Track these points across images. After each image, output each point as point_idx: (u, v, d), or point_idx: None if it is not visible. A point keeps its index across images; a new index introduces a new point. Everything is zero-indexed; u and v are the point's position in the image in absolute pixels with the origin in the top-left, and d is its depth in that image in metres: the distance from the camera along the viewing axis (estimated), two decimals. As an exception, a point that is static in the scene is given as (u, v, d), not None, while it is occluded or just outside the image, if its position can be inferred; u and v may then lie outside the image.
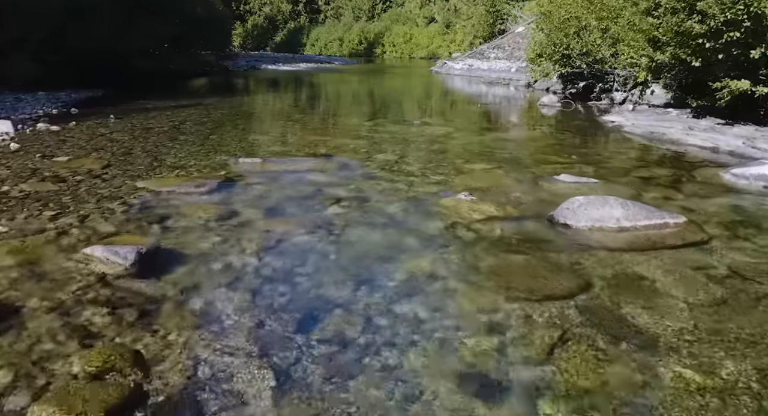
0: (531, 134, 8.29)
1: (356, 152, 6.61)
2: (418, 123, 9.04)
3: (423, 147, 6.97)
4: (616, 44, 11.56)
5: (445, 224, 4.00)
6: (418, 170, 5.71)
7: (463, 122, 9.59)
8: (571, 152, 6.83)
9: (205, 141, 7.17)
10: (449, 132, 8.16)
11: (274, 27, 64.93)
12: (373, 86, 19.82)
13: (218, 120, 9.11)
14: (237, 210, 4.26)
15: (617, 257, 3.46)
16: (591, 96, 13.20)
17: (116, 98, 11.98)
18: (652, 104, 11.50)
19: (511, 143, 7.60)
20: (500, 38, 23.90)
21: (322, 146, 6.94)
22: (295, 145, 7.04)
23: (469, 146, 7.13)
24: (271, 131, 8.10)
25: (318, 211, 4.28)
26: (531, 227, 3.95)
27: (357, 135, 7.81)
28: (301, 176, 5.36)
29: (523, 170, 5.73)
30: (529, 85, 17.59)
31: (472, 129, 8.68)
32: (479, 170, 5.74)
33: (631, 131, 8.22)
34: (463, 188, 4.91)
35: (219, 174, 5.36)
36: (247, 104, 11.74)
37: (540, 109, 11.84)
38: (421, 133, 8.10)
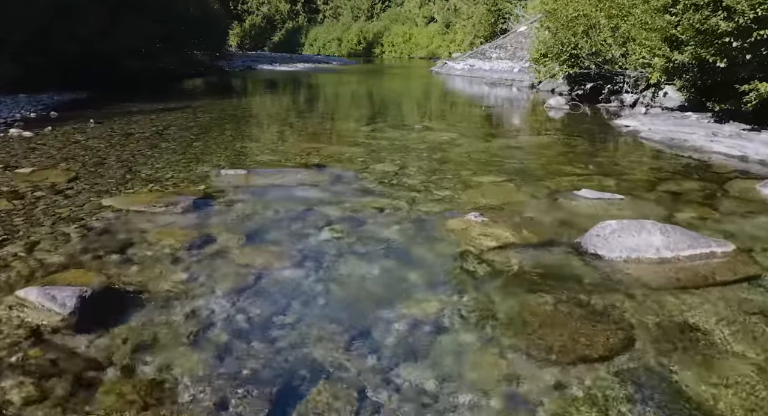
0: (541, 140, 7.71)
1: (352, 161, 6.02)
2: (419, 128, 8.46)
3: (425, 156, 6.39)
4: (627, 44, 11.00)
5: (453, 255, 3.42)
6: (421, 183, 5.13)
7: (467, 126, 9.01)
8: (586, 161, 6.25)
9: (187, 149, 6.58)
10: (453, 138, 7.58)
11: (272, 27, 64.40)
12: (371, 88, 19.23)
13: (205, 125, 8.53)
14: (212, 236, 3.68)
15: (660, 298, 2.89)
16: (599, 98, 12.62)
17: (101, 101, 11.41)
18: (665, 106, 10.93)
19: (520, 150, 7.02)
20: (502, 38, 23.31)
21: (315, 154, 6.36)
22: (286, 153, 6.45)
23: (475, 154, 6.55)
24: (261, 138, 7.51)
25: (306, 237, 3.70)
26: (555, 258, 3.37)
27: (354, 142, 7.23)
28: (290, 192, 4.78)
29: (538, 184, 5.15)
30: (533, 86, 17.01)
31: (478, 135, 8.10)
32: (488, 183, 5.16)
33: (648, 136, 7.64)
34: (472, 207, 4.34)
35: (197, 189, 4.78)
36: (239, 106, 11.15)
37: (547, 111, 11.25)
38: (422, 139, 7.52)
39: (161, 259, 3.30)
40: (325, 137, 7.66)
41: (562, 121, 9.95)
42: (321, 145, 6.95)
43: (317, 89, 18.21)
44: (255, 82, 20.31)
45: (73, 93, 12.14)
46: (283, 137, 7.62)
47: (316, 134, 7.87)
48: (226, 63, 23.90)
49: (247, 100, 12.45)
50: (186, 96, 12.70)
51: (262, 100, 12.85)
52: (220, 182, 5.05)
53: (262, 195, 4.65)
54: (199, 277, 3.07)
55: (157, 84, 15.30)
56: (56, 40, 12.43)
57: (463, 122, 9.51)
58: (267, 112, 10.56)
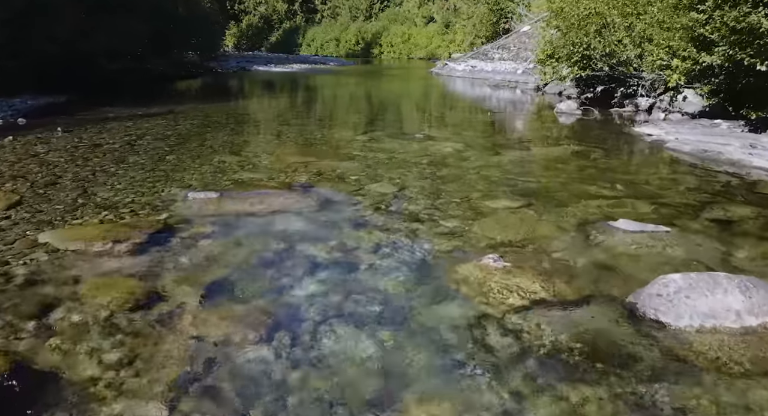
0: (556, 152, 6.93)
1: (345, 180, 5.24)
2: (420, 137, 7.67)
3: (428, 173, 5.61)
4: (642, 44, 10.23)
5: (467, 321, 2.64)
6: (424, 209, 4.35)
7: (472, 135, 8.22)
8: (612, 178, 5.47)
9: (158, 164, 5.79)
10: (458, 150, 6.80)
11: (270, 27, 63.67)
12: (369, 90, 18.43)
13: (184, 134, 7.74)
14: (162, 290, 2.90)
15: (752, 392, 2.11)
16: (612, 102, 11.83)
17: (79, 105, 10.64)
18: (685, 111, 10.16)
19: (534, 165, 6.23)
20: (505, 38, 22.53)
21: (302, 171, 5.57)
22: (270, 170, 5.67)
23: (485, 170, 5.77)
24: (244, 149, 6.72)
25: (282, 293, 2.92)
26: (603, 327, 2.59)
27: (348, 154, 6.45)
28: (267, 223, 3.99)
29: (562, 210, 4.37)
30: (538, 89, 16.22)
31: (485, 145, 7.32)
32: (503, 209, 4.38)
33: (676, 147, 6.86)
34: (487, 244, 3.56)
35: (157, 219, 3.99)
36: (225, 112, 10.36)
37: (557, 117, 10.47)
38: (424, 150, 6.73)
39: (90, 330, 2.52)
40: (316, 149, 6.87)
41: (575, 128, 9.17)
42: (311, 159, 6.16)
43: (312, 92, 17.38)
44: (246, 84, 19.50)
45: (51, 97, 11.37)
46: (269, 148, 6.83)
47: (306, 145, 7.08)
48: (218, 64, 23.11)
49: (235, 105, 11.65)
50: (170, 100, 11.91)
51: (251, 104, 12.06)
52: (187, 208, 4.27)
53: (233, 228, 3.87)
54: (136, 358, 2.29)
55: (141, 87, 14.52)
56: (35, 41, 11.64)
57: (468, 130, 8.72)
58: (255, 118, 9.78)
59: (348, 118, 10.11)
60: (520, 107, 13.51)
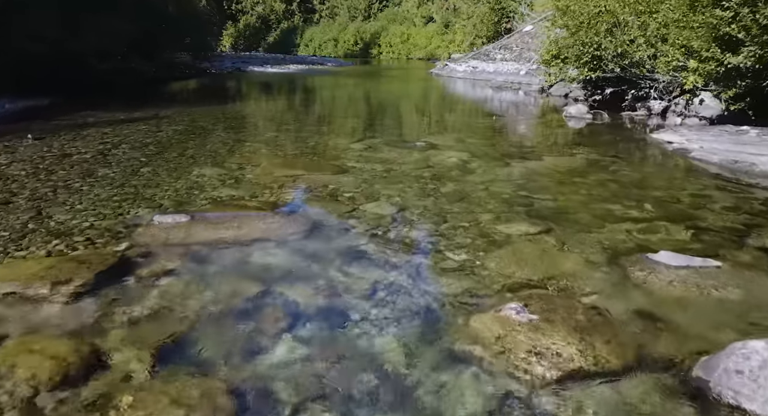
0: (571, 163, 6.33)
1: (337, 198, 4.64)
2: (421, 145, 7.07)
3: (430, 189, 5.01)
4: (656, 44, 9.64)
5: (486, 400, 2.04)
6: (428, 237, 3.76)
7: (478, 142, 7.61)
8: (638, 195, 4.88)
9: (129, 178, 5.19)
10: (463, 160, 6.20)
11: (267, 27, 63.15)
12: (367, 93, 17.82)
13: (165, 141, 7.13)
14: (104, 355, 2.31)
15: None
16: (622, 105, 11.24)
17: (58, 109, 10.06)
18: (701, 115, 9.58)
19: (549, 178, 5.63)
20: (507, 38, 21.92)
21: (289, 187, 4.97)
22: (253, 185, 5.06)
23: (494, 185, 5.17)
24: (228, 160, 6.12)
25: (250, 358, 2.32)
26: (663, 413, 1.99)
27: (340, 166, 5.84)
28: (243, 256, 3.39)
29: (588, 236, 3.77)
30: (542, 91, 15.63)
31: (493, 155, 6.71)
32: (520, 236, 3.78)
33: (702, 158, 6.26)
34: (505, 284, 2.97)
35: (113, 251, 3.39)
36: (213, 116, 9.75)
37: (567, 121, 9.88)
38: (426, 161, 6.13)
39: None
40: (307, 160, 6.26)
41: (587, 134, 8.57)
42: (300, 172, 5.56)
43: (306, 95, 16.74)
44: (239, 86, 18.87)
45: (31, 100, 10.77)
46: (256, 159, 6.22)
47: (296, 155, 6.47)
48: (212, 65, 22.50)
49: (225, 109, 11.03)
50: (156, 103, 11.29)
51: (242, 108, 11.43)
52: (151, 235, 3.66)
53: (202, 263, 3.27)
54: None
55: (128, 89, 13.90)
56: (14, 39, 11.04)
57: (472, 137, 8.11)
58: (244, 123, 9.17)
59: (344, 123, 9.50)
60: (526, 110, 12.91)
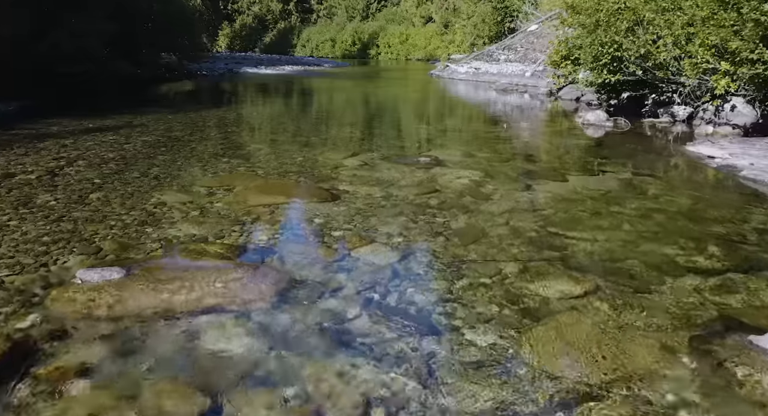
0: (602, 184, 5.36)
1: (322, 239, 3.68)
2: (425, 161, 6.10)
3: (439, 223, 4.05)
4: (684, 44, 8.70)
5: None
6: (439, 304, 2.80)
7: (490, 157, 6.64)
8: (694, 232, 3.93)
9: (70, 210, 4.22)
10: (476, 182, 5.24)
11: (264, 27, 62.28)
12: (364, 96, 16.84)
13: (129, 157, 6.16)
14: None
15: None
16: (642, 111, 10.30)
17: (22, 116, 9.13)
18: (734, 123, 8.65)
19: (580, 206, 4.65)
20: (510, 38, 20.97)
21: (264, 221, 4.01)
22: (219, 219, 4.09)
23: (516, 217, 4.21)
24: (197, 182, 5.14)
25: None
26: None
27: (330, 190, 4.88)
28: (187, 340, 2.42)
29: (651, 301, 2.81)
30: (551, 94, 14.70)
31: (508, 173, 5.74)
32: (559, 300, 2.83)
33: (758, 178, 5.30)
34: (557, 391, 2.01)
35: (13, 330, 2.43)
36: (192, 124, 8.79)
37: (584, 129, 8.92)
38: (432, 183, 5.17)
39: None
40: (290, 182, 5.29)
41: (611, 145, 7.60)
42: (280, 198, 4.60)
43: (299, 99, 15.66)
44: (228, 89, 17.81)
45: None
46: (230, 180, 5.25)
47: (279, 175, 5.50)
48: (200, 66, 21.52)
49: (207, 115, 10.04)
50: (132, 108, 10.31)
51: (225, 114, 10.43)
52: (70, 302, 2.70)
53: (129, 355, 2.29)
54: None
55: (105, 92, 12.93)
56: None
57: (483, 150, 7.14)
58: (225, 134, 8.19)
59: (338, 133, 8.51)
60: (536, 115, 11.92)
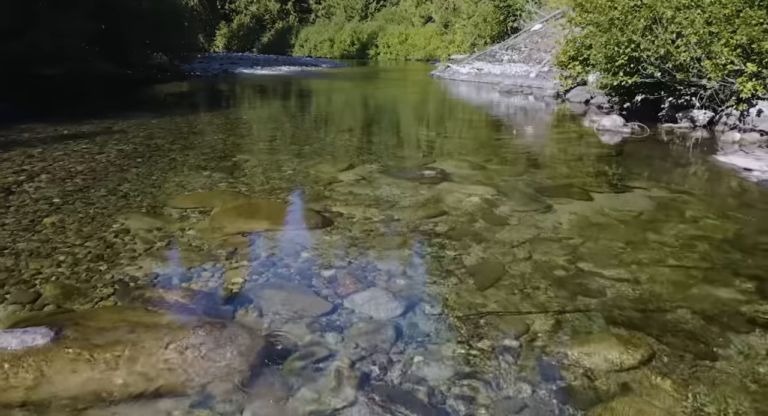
0: (632, 204, 4.71)
1: (309, 281, 3.03)
2: (430, 175, 5.46)
3: (450, 258, 3.40)
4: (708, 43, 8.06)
5: None
6: (456, 381, 2.15)
7: (501, 169, 5.98)
8: (750, 267, 3.29)
9: (16, 239, 3.57)
10: (488, 200, 4.59)
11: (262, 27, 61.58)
12: (362, 99, 16.16)
13: (99, 170, 5.50)
14: None
15: None
16: (659, 115, 9.65)
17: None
18: (759, 129, 8.02)
19: (612, 235, 3.99)
20: (514, 37, 20.31)
21: (241, 256, 3.36)
22: (189, 253, 3.44)
23: (539, 248, 3.56)
24: (170, 202, 4.49)
25: None
26: None
27: (322, 213, 4.23)
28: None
29: (719, 374, 2.17)
30: (558, 96, 14.05)
31: (524, 190, 5.08)
32: (608, 373, 2.19)
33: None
34: None
35: None
36: (175, 131, 8.14)
37: (600, 136, 8.28)
38: (438, 203, 4.53)
39: None
40: (276, 202, 4.64)
41: (633, 155, 6.93)
42: (263, 224, 3.95)
43: (294, 102, 14.85)
44: (220, 91, 17.08)
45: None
46: (208, 199, 4.60)
47: (264, 193, 4.85)
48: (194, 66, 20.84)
49: (192, 120, 9.38)
50: (114, 112, 9.65)
51: (213, 119, 9.75)
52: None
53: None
54: None
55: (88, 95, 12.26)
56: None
57: (493, 161, 6.48)
58: (209, 141, 7.51)
59: (333, 140, 7.84)
60: (545, 120, 11.24)
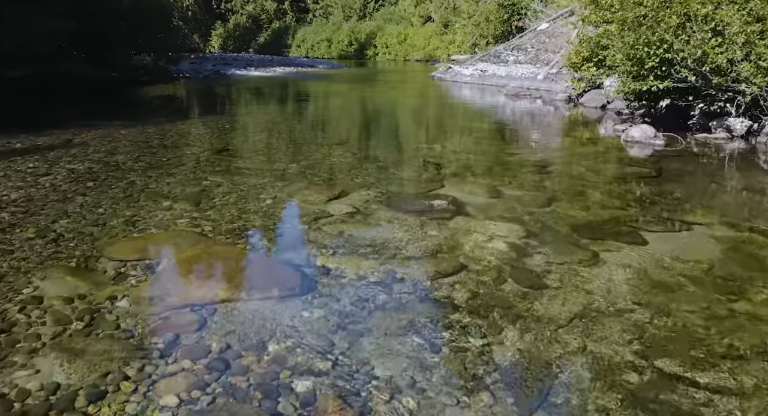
0: (699, 251, 3.74)
1: (275, 404, 2.04)
2: (440, 207, 4.48)
3: (475, 354, 2.43)
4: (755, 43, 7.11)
5: None
6: None
7: (523, 197, 4.99)
8: None
9: None
10: (516, 246, 3.62)
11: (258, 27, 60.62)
12: (360, 104, 15.12)
13: (38, 199, 4.50)
14: None
15: None
16: (689, 124, 8.69)
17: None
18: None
19: (684, 301, 3.02)
20: (519, 37, 19.32)
21: (181, 352, 2.37)
22: (110, 346, 2.47)
23: (594, 333, 2.60)
24: (105, 252, 3.50)
25: None
26: None
27: (300, 271, 3.25)
28: None
29: None
30: (570, 100, 13.08)
31: (559, 229, 4.10)
32: None
33: None
34: None
35: None
36: (143, 144, 7.15)
37: (629, 149, 7.30)
38: (453, 252, 3.55)
39: None
40: (242, 251, 3.65)
41: (676, 176, 5.93)
42: (217, 291, 2.96)
43: (285, 108, 13.31)
44: (207, 94, 15.95)
45: None
46: (157, 248, 3.62)
47: (231, 234, 3.86)
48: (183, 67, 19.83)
49: (166, 130, 8.32)
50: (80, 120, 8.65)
51: (190, 128, 8.67)
52: None
53: None
54: None
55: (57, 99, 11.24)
56: None
57: (511, 183, 5.48)
58: (179, 157, 6.49)
59: (324, 157, 6.77)
60: (562, 129, 10.16)
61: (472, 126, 10.25)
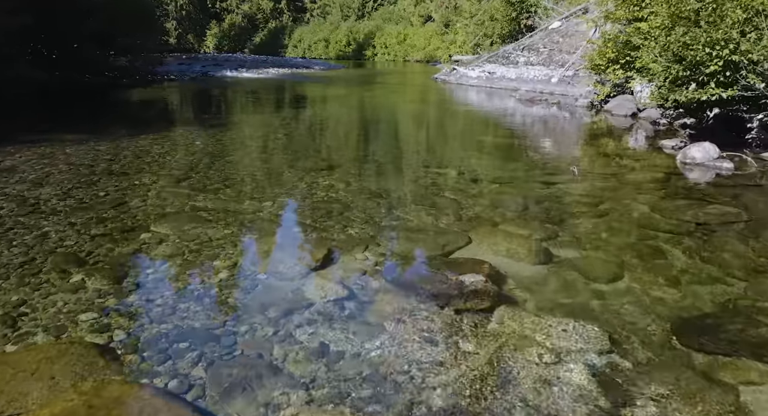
0: None
1: None
2: (474, 286, 3.09)
3: None
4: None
5: None
6: None
7: (588, 263, 3.57)
8: None
9: None
10: (606, 380, 2.22)
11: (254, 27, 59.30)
12: (358, 111, 13.64)
13: None
14: None
15: None
16: (747, 138, 7.31)
17: None
18: None
19: None
20: (530, 37, 17.93)
21: None
22: None
23: None
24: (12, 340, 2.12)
25: None
26: None
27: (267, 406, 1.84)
28: None
29: None
30: (593, 106, 11.70)
31: (661, 336, 2.72)
32: None
33: None
34: None
35: None
36: (86, 168, 5.78)
37: (688, 173, 5.91)
38: (506, 382, 2.16)
39: None
40: (159, 403, 2.26)
41: (765, 214, 4.57)
42: None
43: (270, 118, 11.39)
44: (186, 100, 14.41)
45: None
46: (26, 385, 2.23)
47: (146, 349, 2.46)
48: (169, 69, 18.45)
49: (123, 147, 6.86)
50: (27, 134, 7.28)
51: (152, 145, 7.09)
52: None
53: None
54: None
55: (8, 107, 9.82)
56: None
57: (561, 235, 4.05)
58: (122, 192, 5.12)
59: (308, 192, 5.27)
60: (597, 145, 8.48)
61: (489, 141, 8.84)
